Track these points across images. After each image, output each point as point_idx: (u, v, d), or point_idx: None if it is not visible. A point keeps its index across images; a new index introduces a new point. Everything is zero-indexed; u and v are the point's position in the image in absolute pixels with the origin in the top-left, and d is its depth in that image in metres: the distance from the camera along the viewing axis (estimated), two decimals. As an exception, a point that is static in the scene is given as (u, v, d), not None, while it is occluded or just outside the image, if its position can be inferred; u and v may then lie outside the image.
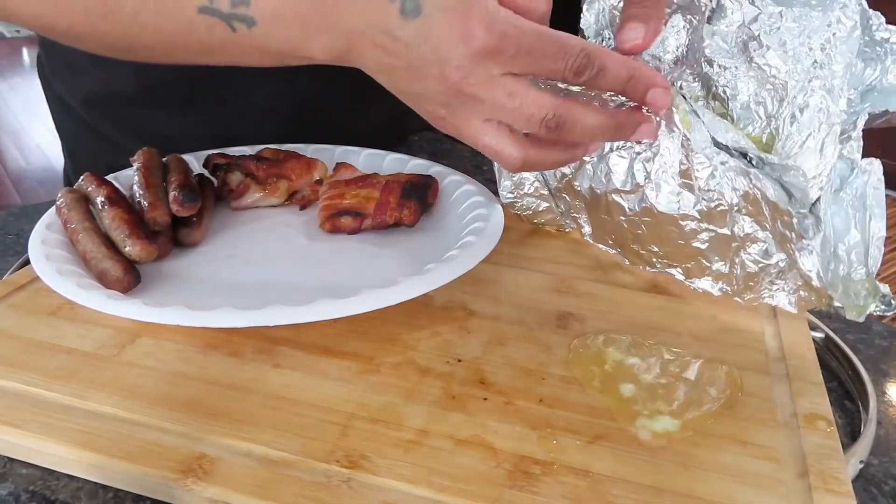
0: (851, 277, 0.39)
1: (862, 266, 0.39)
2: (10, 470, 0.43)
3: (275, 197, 0.67)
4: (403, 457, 0.41)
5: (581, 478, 0.40)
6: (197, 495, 0.39)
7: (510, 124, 0.43)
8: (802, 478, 0.41)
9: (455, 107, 0.42)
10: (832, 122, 0.41)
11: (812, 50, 0.42)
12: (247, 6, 0.43)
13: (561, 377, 0.48)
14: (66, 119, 0.83)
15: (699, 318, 0.55)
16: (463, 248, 0.55)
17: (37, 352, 0.49)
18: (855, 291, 0.40)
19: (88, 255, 0.53)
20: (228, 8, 0.43)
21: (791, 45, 0.43)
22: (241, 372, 0.48)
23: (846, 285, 0.40)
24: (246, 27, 0.43)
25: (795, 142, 0.42)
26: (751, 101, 0.45)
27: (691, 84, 0.47)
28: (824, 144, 0.42)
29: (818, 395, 0.47)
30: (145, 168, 0.61)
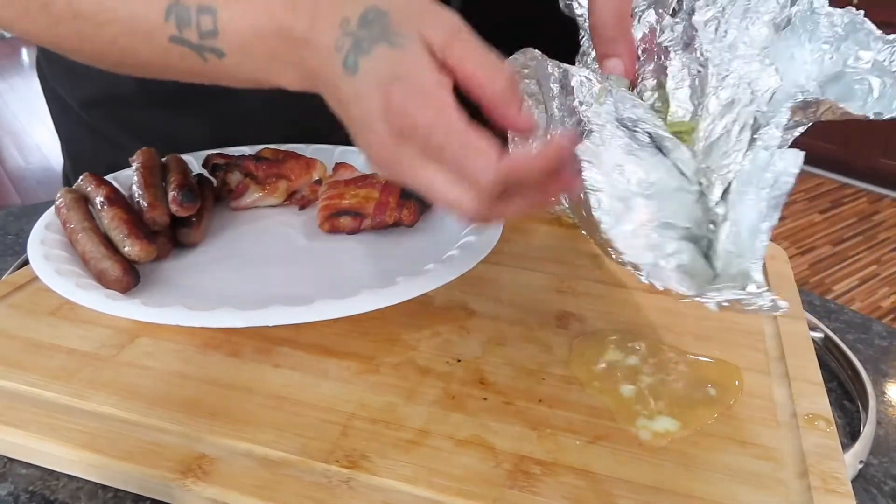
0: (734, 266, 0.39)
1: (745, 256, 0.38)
2: (10, 470, 0.43)
3: (274, 197, 0.67)
4: (403, 457, 0.41)
5: (581, 478, 0.40)
6: (197, 495, 0.39)
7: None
8: (802, 478, 0.41)
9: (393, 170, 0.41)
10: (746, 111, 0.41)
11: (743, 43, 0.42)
12: (215, 38, 0.42)
13: (561, 377, 0.48)
14: (66, 119, 0.83)
15: (700, 318, 0.55)
16: (463, 248, 0.55)
17: (36, 352, 0.49)
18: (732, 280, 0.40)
19: (88, 255, 0.53)
20: (197, 39, 0.43)
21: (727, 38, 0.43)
22: (241, 372, 0.48)
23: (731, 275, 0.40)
24: (216, 57, 0.43)
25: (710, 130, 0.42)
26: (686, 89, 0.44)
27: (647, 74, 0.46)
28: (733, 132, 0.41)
29: (818, 395, 0.47)
30: (144, 168, 0.61)
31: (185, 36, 0.43)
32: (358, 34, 0.39)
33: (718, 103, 0.41)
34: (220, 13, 0.42)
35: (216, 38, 0.42)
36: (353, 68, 0.39)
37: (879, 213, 3.10)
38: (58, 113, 0.83)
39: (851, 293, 2.47)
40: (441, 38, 0.38)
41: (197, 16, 0.42)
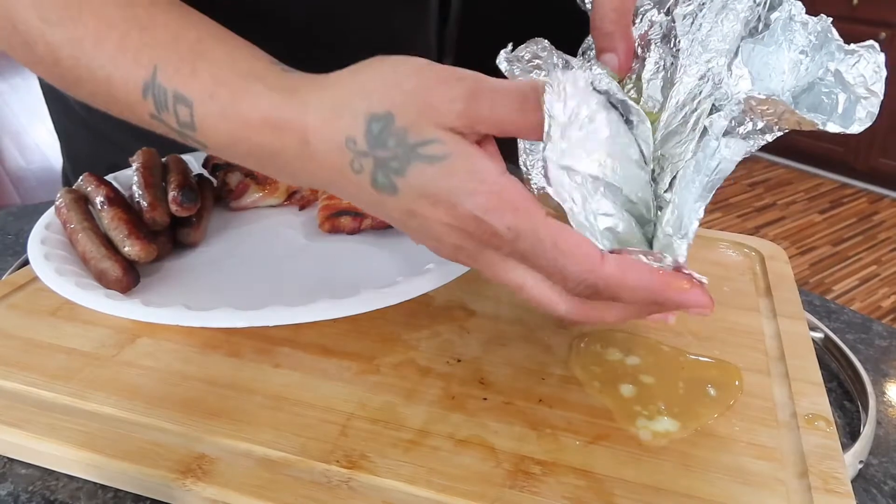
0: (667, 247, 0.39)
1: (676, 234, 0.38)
2: (10, 470, 0.43)
3: (274, 197, 0.67)
4: (403, 457, 0.41)
5: (581, 478, 0.40)
6: (196, 495, 0.39)
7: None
8: (802, 478, 0.41)
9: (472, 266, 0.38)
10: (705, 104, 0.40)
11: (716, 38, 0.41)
12: (193, 131, 0.39)
13: (561, 377, 0.48)
14: (66, 119, 0.83)
15: (699, 319, 0.55)
16: (463, 248, 0.55)
17: (36, 352, 0.49)
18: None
19: (88, 255, 0.53)
20: (176, 125, 0.39)
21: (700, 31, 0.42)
22: (241, 372, 0.48)
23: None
24: (201, 144, 0.40)
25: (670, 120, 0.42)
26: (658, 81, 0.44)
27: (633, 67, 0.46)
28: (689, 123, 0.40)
29: (818, 395, 0.47)
30: (144, 168, 0.61)
31: (164, 119, 0.39)
32: (377, 154, 0.34)
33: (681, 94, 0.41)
34: (196, 108, 0.38)
35: (194, 131, 0.39)
36: (389, 188, 0.35)
37: (879, 214, 3.10)
38: (58, 112, 0.83)
39: (851, 293, 2.47)
40: (462, 118, 0.33)
41: (174, 103, 0.38)
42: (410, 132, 0.33)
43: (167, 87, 0.38)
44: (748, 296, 0.59)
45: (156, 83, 0.38)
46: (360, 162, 0.35)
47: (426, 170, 0.33)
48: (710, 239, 0.68)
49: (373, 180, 0.35)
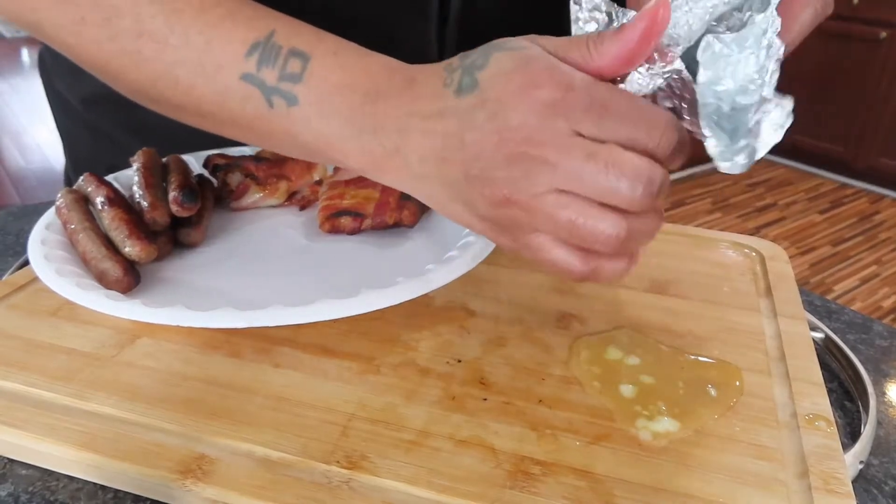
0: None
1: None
2: (10, 470, 0.43)
3: (274, 197, 0.67)
4: (404, 457, 0.41)
5: (581, 478, 0.40)
6: (196, 496, 0.39)
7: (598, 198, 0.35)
8: (803, 478, 0.40)
9: (518, 180, 0.35)
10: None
11: None
12: (296, 83, 0.40)
13: (561, 377, 0.48)
14: (67, 118, 0.83)
15: (700, 318, 0.55)
16: (463, 248, 0.55)
17: (36, 352, 0.49)
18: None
19: (88, 255, 0.53)
20: (274, 81, 0.40)
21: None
22: (241, 372, 0.48)
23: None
24: (285, 105, 0.40)
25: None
26: None
27: None
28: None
29: (818, 395, 0.47)
30: (145, 168, 0.61)
31: (262, 75, 0.40)
32: (465, 63, 0.37)
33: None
34: (313, 61, 0.40)
35: (297, 83, 0.40)
36: (469, 87, 0.36)
37: (880, 213, 3.10)
38: (60, 112, 0.83)
39: (852, 293, 2.47)
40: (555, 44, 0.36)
41: (286, 57, 0.40)
42: (503, 42, 0.37)
43: (283, 45, 0.40)
44: (748, 296, 0.59)
45: (270, 42, 0.40)
46: (451, 77, 0.37)
47: (505, 55, 0.36)
48: (710, 239, 0.68)
49: (458, 87, 0.36)
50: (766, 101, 0.37)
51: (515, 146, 0.35)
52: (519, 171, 0.35)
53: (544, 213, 0.36)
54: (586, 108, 0.34)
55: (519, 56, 0.36)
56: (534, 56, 0.35)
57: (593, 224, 0.35)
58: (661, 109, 0.35)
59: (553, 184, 0.35)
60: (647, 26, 0.34)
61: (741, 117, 0.37)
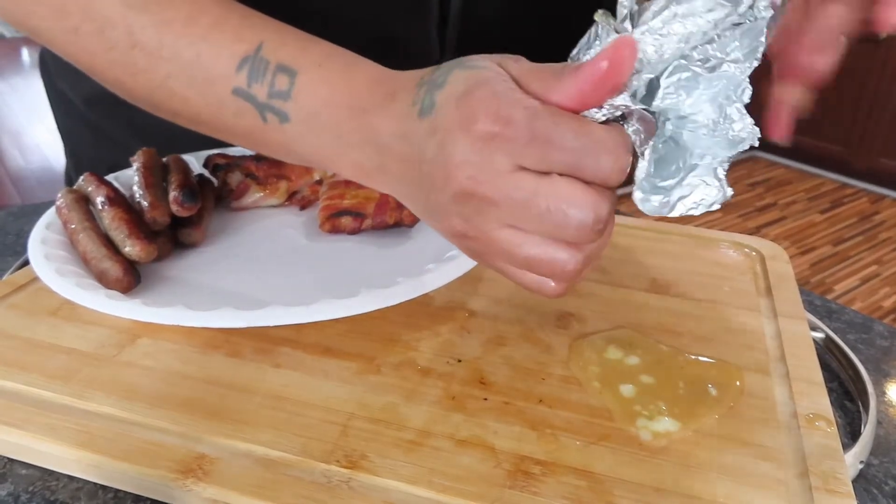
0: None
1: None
2: (10, 470, 0.43)
3: (275, 197, 0.67)
4: (404, 457, 0.41)
5: (581, 478, 0.40)
6: (196, 495, 0.39)
7: (547, 235, 0.34)
8: (803, 478, 0.40)
9: (470, 217, 0.35)
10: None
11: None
12: (284, 100, 0.40)
13: (561, 377, 0.48)
14: (68, 117, 0.83)
15: (700, 318, 0.55)
16: (463, 248, 0.55)
17: (36, 352, 0.49)
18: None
19: (88, 255, 0.53)
20: (265, 97, 0.40)
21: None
22: (241, 372, 0.48)
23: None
24: (278, 121, 0.40)
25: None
26: None
27: None
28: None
29: (819, 395, 0.47)
30: (145, 168, 0.61)
31: (253, 91, 0.40)
32: (432, 79, 0.36)
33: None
34: (299, 76, 0.39)
35: (286, 100, 0.40)
36: (429, 108, 0.35)
37: (880, 213, 3.10)
38: (61, 111, 0.83)
39: (852, 293, 2.47)
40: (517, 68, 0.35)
41: (274, 73, 0.40)
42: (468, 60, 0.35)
43: (270, 59, 0.40)
44: (749, 296, 0.59)
45: (258, 56, 0.40)
46: (418, 94, 0.36)
47: (460, 74, 0.35)
48: (710, 239, 0.68)
49: (421, 107, 0.35)
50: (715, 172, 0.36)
51: (461, 183, 0.34)
52: (469, 209, 0.35)
53: (502, 249, 0.35)
54: (527, 141, 0.32)
55: (472, 78, 0.34)
56: (484, 80, 0.34)
57: (550, 259, 0.34)
58: (615, 133, 0.33)
59: (502, 220, 0.34)
60: (604, 72, 0.32)
61: (678, 153, 0.36)
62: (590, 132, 0.32)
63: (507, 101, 0.33)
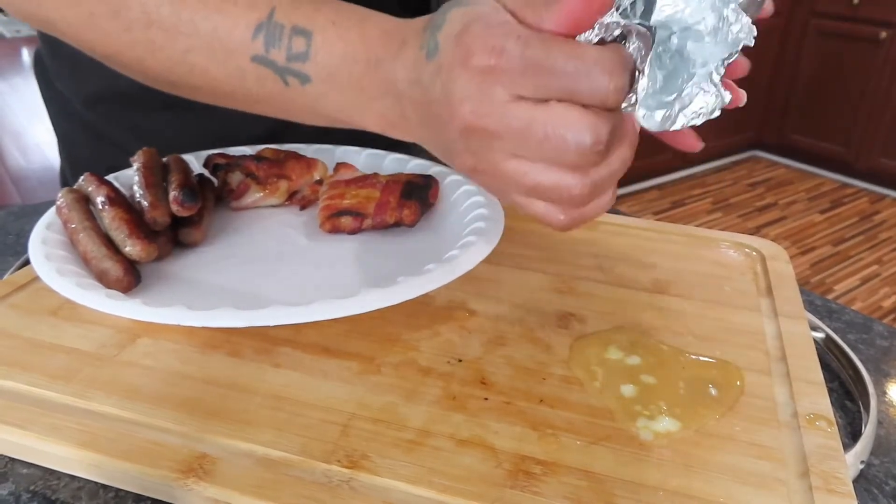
0: None
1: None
2: (11, 469, 0.43)
3: (275, 197, 0.67)
4: (404, 457, 0.41)
5: (582, 478, 0.40)
6: (197, 495, 0.39)
7: (550, 161, 0.35)
8: (803, 478, 0.40)
9: (477, 151, 0.36)
10: None
11: None
12: (303, 62, 0.40)
13: (562, 377, 0.48)
14: (64, 119, 0.83)
15: (700, 318, 0.55)
16: (463, 248, 0.55)
17: (37, 352, 0.49)
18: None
19: (89, 254, 0.53)
20: (284, 61, 0.41)
21: None
22: (242, 372, 0.48)
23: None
24: (299, 83, 0.41)
25: None
26: None
27: None
28: None
29: (819, 395, 0.47)
30: (145, 168, 0.61)
31: (271, 56, 0.41)
32: (433, 21, 0.37)
33: None
34: (315, 36, 0.40)
35: (305, 61, 0.41)
36: (433, 51, 0.36)
37: (880, 213, 3.10)
38: (58, 113, 0.83)
39: (852, 293, 2.47)
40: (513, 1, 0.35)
41: (290, 36, 0.41)
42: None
43: (284, 24, 0.41)
44: (749, 296, 0.59)
45: (272, 21, 0.41)
46: (424, 38, 0.37)
47: (458, 12, 0.35)
48: (710, 239, 0.68)
49: (427, 50, 0.36)
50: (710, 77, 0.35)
51: (465, 119, 0.35)
52: (475, 143, 0.36)
53: (510, 179, 0.36)
54: (521, 70, 0.33)
55: (468, 14, 0.35)
56: (478, 16, 0.34)
57: (556, 184, 0.35)
58: (609, 53, 0.33)
59: (507, 151, 0.35)
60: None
61: (683, 65, 0.35)
62: (582, 55, 0.32)
63: (499, 33, 0.33)
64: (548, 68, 0.33)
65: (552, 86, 0.33)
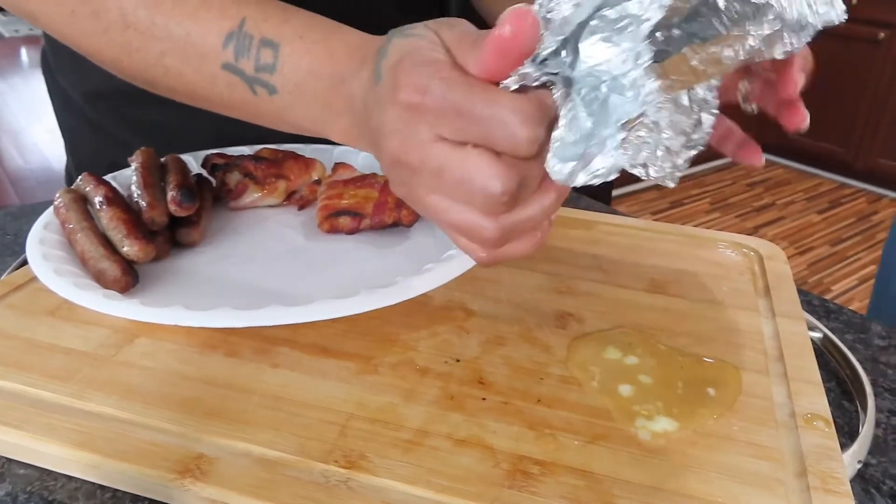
0: None
1: None
2: (8, 470, 0.43)
3: (273, 197, 0.67)
4: (402, 457, 0.41)
5: (580, 478, 0.40)
6: (195, 495, 0.39)
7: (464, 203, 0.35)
8: (801, 477, 0.41)
9: (404, 182, 0.37)
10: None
11: None
12: (271, 73, 0.41)
13: (560, 377, 0.48)
14: (69, 115, 0.83)
15: (698, 318, 0.55)
16: (462, 247, 0.55)
17: (34, 352, 0.49)
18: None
19: (86, 255, 0.53)
20: (252, 71, 0.42)
21: None
22: (240, 372, 0.48)
23: None
24: (267, 93, 0.42)
25: None
26: None
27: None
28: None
29: (817, 394, 0.47)
30: (143, 168, 0.61)
31: (240, 66, 0.42)
32: (380, 46, 0.38)
33: None
34: (282, 48, 0.41)
35: (272, 73, 0.41)
36: (378, 77, 0.37)
37: (878, 213, 3.10)
38: (62, 109, 0.83)
39: (850, 293, 2.47)
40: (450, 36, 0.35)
41: (258, 47, 0.41)
42: (410, 28, 0.37)
43: (254, 34, 0.41)
44: (747, 296, 0.59)
45: (242, 31, 0.42)
46: (375, 61, 0.37)
47: (399, 42, 0.36)
48: (708, 239, 0.68)
49: (373, 75, 0.37)
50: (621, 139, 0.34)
51: (392, 152, 0.36)
52: (403, 175, 0.37)
53: (432, 213, 0.37)
54: (442, 112, 0.33)
55: (405, 46, 0.35)
56: (414, 49, 0.35)
57: (470, 225, 0.36)
58: (524, 102, 0.33)
59: (426, 188, 0.36)
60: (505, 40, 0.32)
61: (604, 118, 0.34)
62: (498, 101, 0.32)
63: (426, 73, 0.34)
64: (465, 112, 0.33)
65: (469, 130, 0.33)
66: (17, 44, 5.06)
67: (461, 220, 0.36)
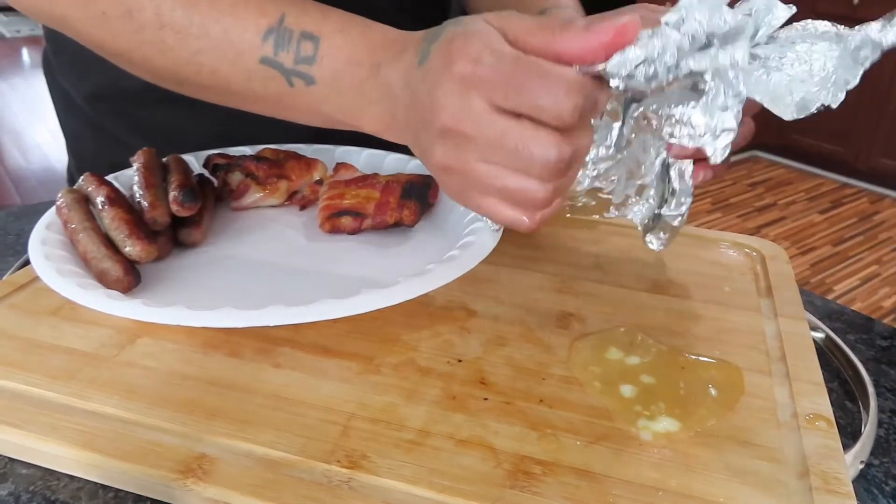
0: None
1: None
2: (11, 470, 0.43)
3: (275, 197, 0.67)
4: (404, 457, 0.41)
5: (582, 478, 0.40)
6: (197, 495, 0.39)
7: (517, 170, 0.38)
8: (803, 478, 0.40)
9: (452, 151, 0.39)
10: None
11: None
12: (310, 65, 0.43)
13: (561, 377, 0.48)
14: (71, 116, 0.83)
15: (700, 319, 0.55)
16: (463, 248, 0.55)
17: (37, 352, 0.49)
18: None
19: (88, 255, 0.53)
20: (291, 64, 0.43)
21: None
22: (241, 372, 0.48)
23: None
24: (304, 84, 0.44)
25: None
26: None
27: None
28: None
29: (819, 395, 0.47)
30: (145, 168, 0.61)
31: (279, 59, 0.44)
32: (430, 33, 0.40)
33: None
34: (322, 41, 0.43)
35: (312, 64, 0.43)
36: (425, 58, 0.39)
37: (880, 213, 3.10)
38: (63, 109, 0.84)
39: (852, 293, 2.47)
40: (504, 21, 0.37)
41: (298, 41, 0.43)
42: (465, 19, 0.39)
43: (294, 29, 0.43)
44: (749, 296, 0.59)
45: (282, 27, 0.43)
46: (421, 47, 0.40)
47: (451, 29, 0.38)
48: (710, 239, 0.68)
49: (420, 57, 0.39)
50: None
51: (444, 121, 0.38)
52: (451, 144, 0.38)
53: (479, 180, 0.39)
54: (494, 81, 0.36)
55: (459, 30, 0.37)
56: (467, 32, 0.37)
57: (522, 188, 0.38)
58: (575, 76, 0.36)
59: (479, 155, 0.38)
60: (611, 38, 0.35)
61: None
62: (548, 72, 0.35)
63: (479, 45, 0.36)
64: (515, 83, 0.35)
65: (521, 100, 0.36)
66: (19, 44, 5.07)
67: (512, 185, 0.38)
